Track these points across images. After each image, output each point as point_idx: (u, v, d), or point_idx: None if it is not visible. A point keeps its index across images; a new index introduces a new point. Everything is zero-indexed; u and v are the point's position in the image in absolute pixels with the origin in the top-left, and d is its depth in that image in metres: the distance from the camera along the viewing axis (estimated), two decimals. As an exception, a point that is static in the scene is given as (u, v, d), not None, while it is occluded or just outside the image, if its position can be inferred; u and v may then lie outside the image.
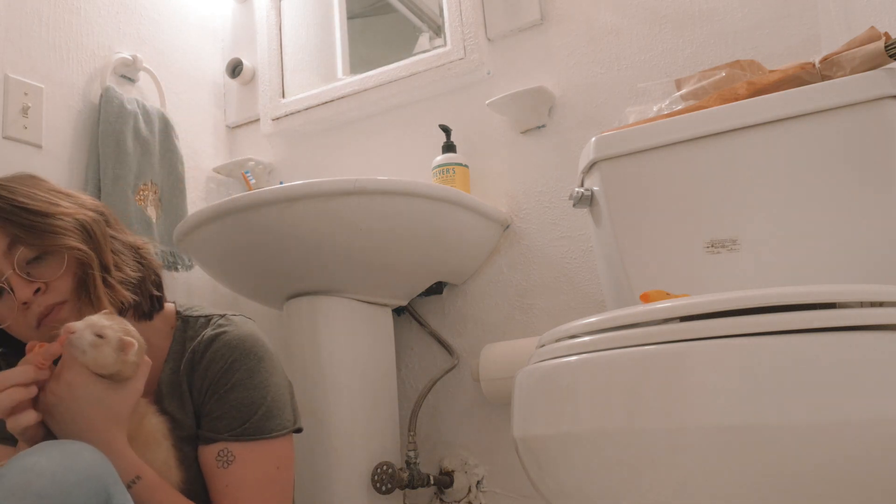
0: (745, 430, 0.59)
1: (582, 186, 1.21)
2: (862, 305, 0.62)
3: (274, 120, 1.84)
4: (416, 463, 1.42)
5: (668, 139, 1.10)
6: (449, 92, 1.68)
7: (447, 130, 1.59)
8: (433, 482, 1.44)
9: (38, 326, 0.89)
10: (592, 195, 1.17)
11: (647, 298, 0.82)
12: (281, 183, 1.48)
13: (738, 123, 1.06)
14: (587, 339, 0.71)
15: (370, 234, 1.32)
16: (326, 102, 1.78)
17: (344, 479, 1.34)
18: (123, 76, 1.68)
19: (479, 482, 1.48)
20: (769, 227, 1.02)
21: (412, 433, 1.45)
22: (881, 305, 0.62)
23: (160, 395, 0.96)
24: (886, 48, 1.00)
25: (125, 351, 0.81)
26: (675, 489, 0.62)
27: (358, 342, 1.44)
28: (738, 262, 1.02)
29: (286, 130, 1.85)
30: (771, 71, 1.16)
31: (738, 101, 1.09)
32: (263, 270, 1.40)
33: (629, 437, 0.63)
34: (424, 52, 1.72)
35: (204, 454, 0.93)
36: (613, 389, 0.65)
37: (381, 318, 1.51)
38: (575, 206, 1.18)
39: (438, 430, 1.55)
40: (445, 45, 1.66)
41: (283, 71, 1.88)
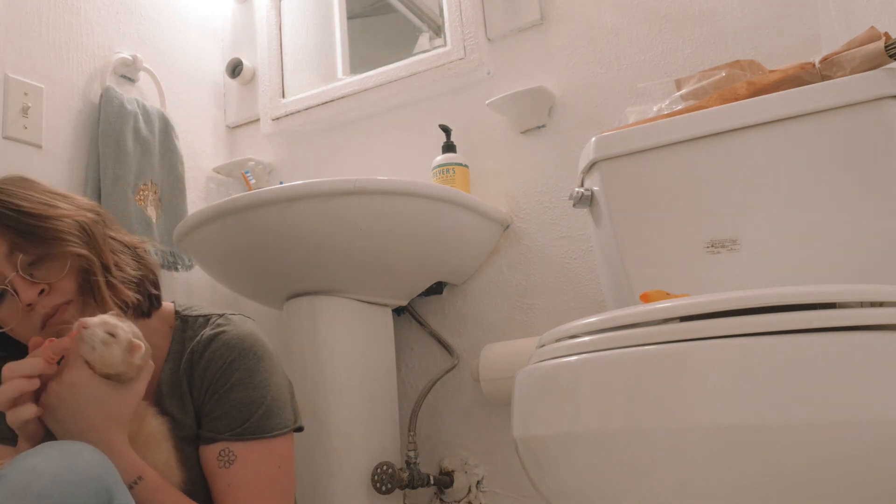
0: (745, 430, 0.59)
1: (582, 186, 1.21)
2: (862, 305, 0.62)
3: (274, 120, 1.84)
4: (416, 463, 1.42)
5: (668, 139, 1.10)
6: (449, 92, 1.68)
7: (447, 130, 1.59)
8: (433, 482, 1.44)
9: (42, 328, 0.88)
10: (592, 195, 1.17)
11: (647, 298, 0.82)
12: (281, 183, 1.48)
13: (738, 123, 1.06)
14: (587, 339, 0.71)
15: (370, 234, 1.32)
16: (326, 102, 1.78)
17: (344, 479, 1.34)
18: (123, 76, 1.68)
19: (479, 482, 1.48)
20: (769, 227, 1.02)
21: (412, 433, 1.45)
22: (881, 305, 0.62)
23: (160, 395, 0.96)
24: (886, 48, 1.00)
25: (132, 353, 0.82)
26: (675, 489, 0.62)
27: (358, 342, 1.44)
28: (738, 262, 1.02)
29: (286, 130, 1.85)
30: (771, 71, 1.16)
31: (738, 101, 1.09)
32: (263, 270, 1.40)
33: (629, 437, 0.63)
34: (424, 52, 1.72)
35: (205, 454, 0.93)
36: (613, 389, 0.65)
37: (381, 318, 1.51)
38: (575, 206, 1.18)
39: (438, 430, 1.55)
40: (445, 45, 1.66)
41: (283, 71, 1.88)
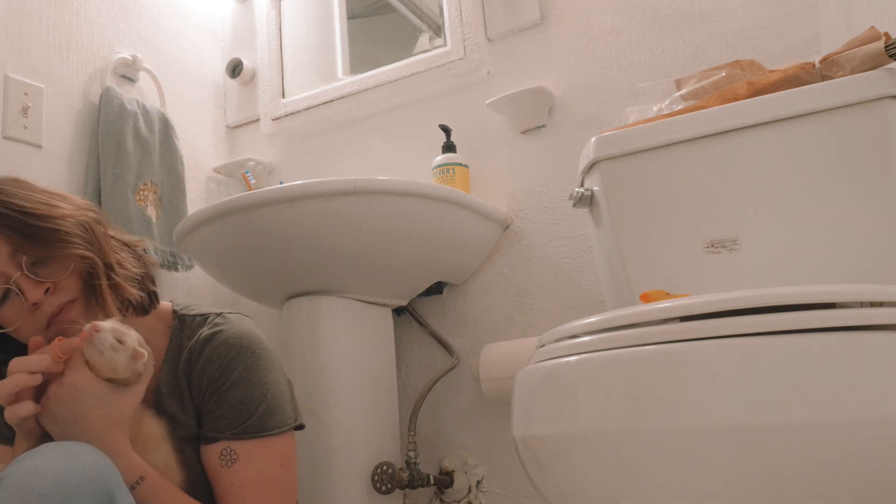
0: (745, 429, 0.59)
1: (582, 186, 1.21)
2: (862, 305, 0.62)
3: (274, 120, 1.84)
4: (416, 463, 1.42)
5: (668, 139, 1.10)
6: (449, 92, 1.68)
7: (447, 130, 1.59)
8: (433, 482, 1.44)
9: (47, 326, 0.88)
10: (592, 195, 1.17)
11: (647, 298, 0.82)
12: (281, 183, 1.48)
13: (738, 123, 1.06)
14: (587, 339, 0.71)
15: (370, 234, 1.32)
16: (326, 102, 1.78)
17: (344, 479, 1.34)
18: (123, 76, 1.68)
19: (479, 482, 1.48)
20: (769, 227, 1.02)
21: (412, 433, 1.45)
22: (881, 305, 0.62)
23: (160, 395, 0.96)
24: (886, 48, 1.00)
25: (136, 360, 0.83)
26: (675, 489, 0.62)
27: (358, 342, 1.44)
28: (738, 262, 1.02)
29: (286, 130, 1.85)
30: (771, 71, 1.16)
31: (738, 101, 1.09)
32: (263, 270, 1.40)
33: (629, 437, 0.63)
34: (424, 52, 1.72)
35: (206, 454, 0.93)
36: (613, 389, 0.65)
37: (381, 318, 1.51)
38: (575, 206, 1.18)
39: (438, 430, 1.55)
40: (445, 45, 1.66)
41: (283, 71, 1.88)
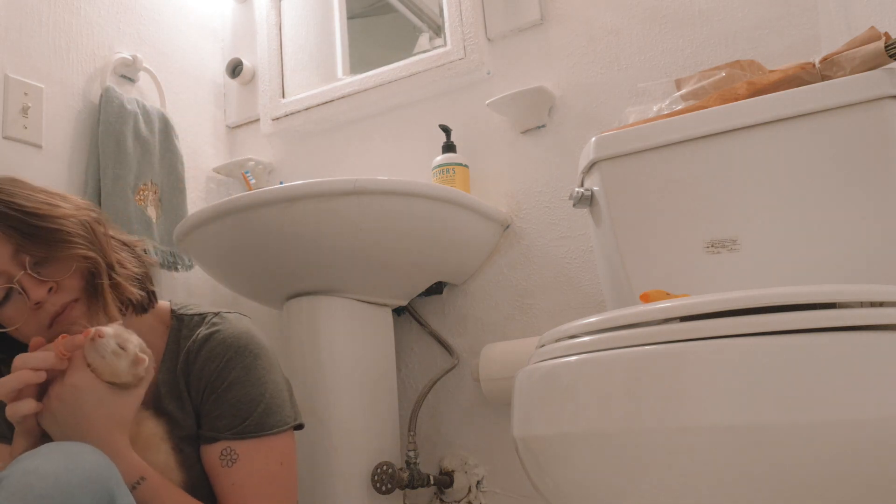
0: (745, 430, 0.59)
1: (582, 186, 1.21)
2: (862, 305, 0.62)
3: (274, 120, 1.84)
4: (416, 463, 1.42)
5: (668, 139, 1.10)
6: (449, 92, 1.68)
7: (447, 130, 1.59)
8: (433, 482, 1.44)
9: (50, 326, 0.88)
10: (592, 195, 1.17)
11: (647, 298, 0.82)
12: (281, 183, 1.48)
13: (738, 123, 1.06)
14: (587, 339, 0.71)
15: (370, 234, 1.32)
16: (326, 102, 1.78)
17: (344, 479, 1.34)
18: (123, 76, 1.68)
19: (479, 482, 1.48)
20: (769, 227, 1.02)
21: (412, 433, 1.45)
22: (881, 305, 0.62)
23: (158, 395, 0.96)
24: (886, 48, 1.00)
25: (137, 365, 0.84)
26: (675, 489, 0.62)
27: (358, 342, 1.44)
28: (738, 262, 1.02)
29: (286, 130, 1.85)
30: (771, 71, 1.16)
31: (738, 101, 1.09)
32: (263, 270, 1.40)
33: (629, 437, 0.63)
34: (424, 52, 1.72)
35: (207, 453, 0.93)
36: (613, 389, 0.65)
37: (381, 318, 1.51)
38: (575, 206, 1.18)
39: (438, 430, 1.55)
40: (445, 45, 1.66)
41: (283, 71, 1.88)
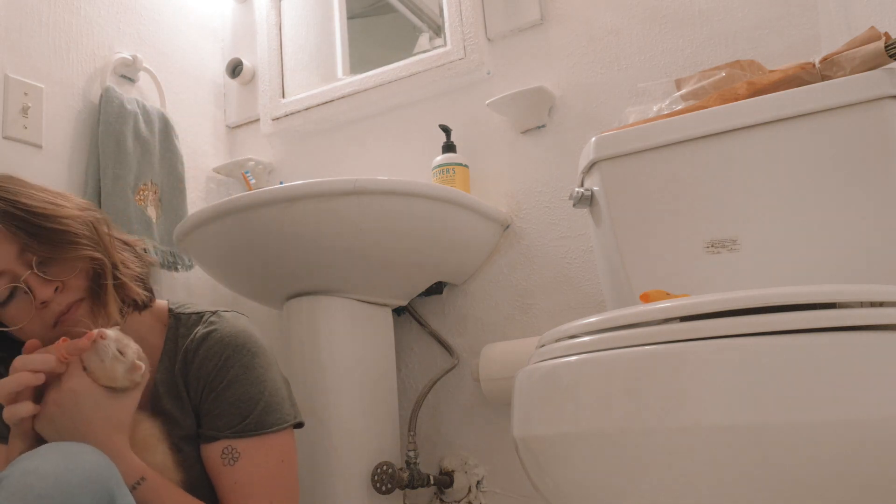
0: (745, 430, 0.59)
1: (582, 186, 1.21)
2: (862, 305, 0.62)
3: (274, 120, 1.84)
4: (416, 463, 1.42)
5: (668, 139, 1.10)
6: (449, 92, 1.68)
7: (447, 130, 1.59)
8: (433, 482, 1.44)
9: (54, 325, 0.88)
10: (592, 195, 1.17)
11: (647, 298, 0.82)
12: (281, 183, 1.48)
13: (738, 123, 1.06)
14: (587, 339, 0.71)
15: (370, 234, 1.32)
16: (326, 102, 1.78)
17: (344, 478, 1.34)
18: (123, 76, 1.68)
19: (479, 482, 1.48)
20: (769, 227, 1.02)
21: (412, 433, 1.45)
22: (881, 305, 0.62)
23: (157, 394, 0.96)
24: (886, 48, 1.00)
25: (133, 371, 0.85)
26: (675, 489, 0.62)
27: (358, 342, 1.44)
28: (738, 262, 1.02)
29: (286, 130, 1.85)
30: (771, 71, 1.16)
31: (738, 101, 1.09)
32: (263, 270, 1.40)
33: (629, 437, 0.63)
34: (424, 52, 1.72)
35: (207, 452, 0.94)
36: (613, 389, 0.65)
37: (381, 318, 1.51)
38: (575, 206, 1.18)
39: (438, 430, 1.55)
40: (445, 45, 1.66)
41: (283, 71, 1.88)
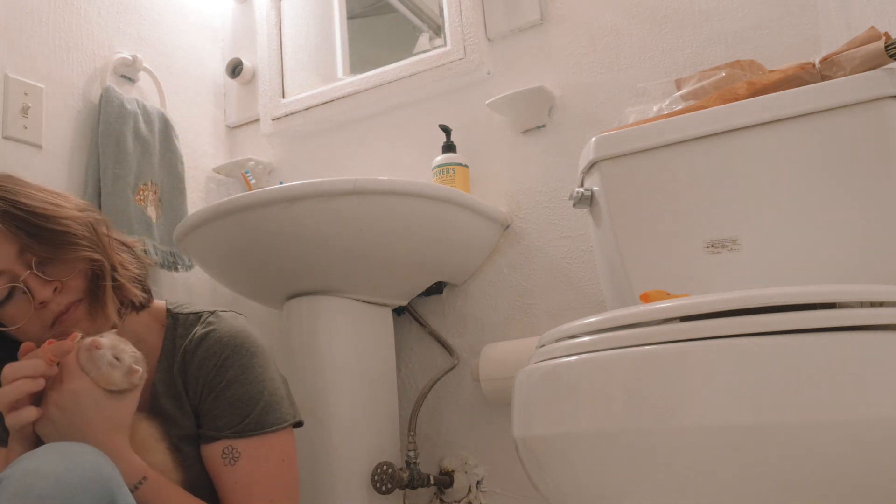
0: (745, 430, 0.59)
1: (582, 186, 1.21)
2: (862, 305, 0.62)
3: (274, 120, 1.84)
4: (416, 463, 1.42)
5: (668, 139, 1.10)
6: (449, 92, 1.68)
7: (447, 130, 1.59)
8: (433, 482, 1.44)
9: (53, 325, 0.89)
10: (592, 195, 1.17)
11: (647, 298, 0.82)
12: (281, 183, 1.48)
13: (738, 123, 1.06)
14: (587, 339, 0.71)
15: (370, 233, 1.32)
16: (326, 102, 1.78)
17: (344, 479, 1.34)
18: (123, 76, 1.68)
19: (479, 482, 1.48)
20: (769, 226, 1.02)
21: (412, 433, 1.45)
22: (881, 305, 0.62)
23: (156, 394, 0.96)
24: (886, 48, 1.00)
25: (130, 375, 0.86)
26: (675, 489, 0.62)
27: (358, 342, 1.44)
28: (738, 262, 1.02)
29: (286, 130, 1.85)
30: (771, 71, 1.16)
31: (738, 101, 1.09)
32: (263, 270, 1.40)
33: (629, 437, 0.63)
34: (424, 52, 1.72)
35: (208, 452, 0.94)
36: (613, 389, 0.65)
37: (381, 318, 1.51)
38: (575, 206, 1.18)
39: (438, 430, 1.55)
40: (445, 45, 1.66)
41: (283, 71, 1.88)
